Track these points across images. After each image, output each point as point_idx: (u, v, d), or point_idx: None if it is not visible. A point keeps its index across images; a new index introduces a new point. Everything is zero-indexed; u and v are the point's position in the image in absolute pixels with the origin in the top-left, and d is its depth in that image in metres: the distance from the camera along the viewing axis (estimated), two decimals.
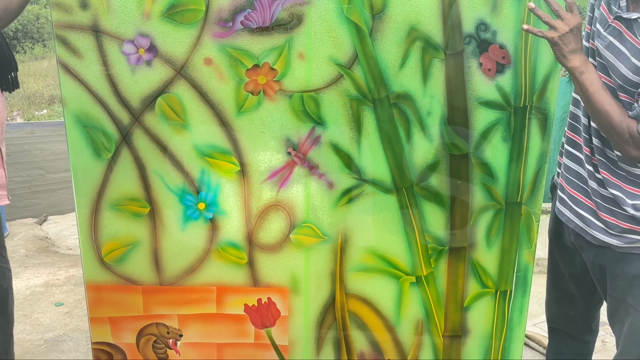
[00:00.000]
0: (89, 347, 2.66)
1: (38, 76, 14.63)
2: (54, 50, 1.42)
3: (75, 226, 4.68)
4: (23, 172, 5.19)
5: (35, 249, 4.04)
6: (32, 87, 13.12)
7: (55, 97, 13.17)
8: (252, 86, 1.47)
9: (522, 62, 1.45)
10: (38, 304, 3.09)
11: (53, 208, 5.44)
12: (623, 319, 1.55)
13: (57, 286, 3.33)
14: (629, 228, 1.46)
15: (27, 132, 5.24)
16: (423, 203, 1.57)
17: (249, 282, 1.64)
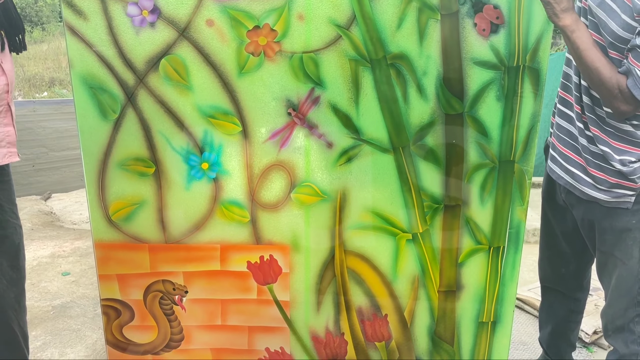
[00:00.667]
0: (96, 312, 2.73)
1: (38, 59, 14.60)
2: (52, 33, 1.45)
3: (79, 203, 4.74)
4: (27, 150, 5.23)
5: (40, 223, 4.10)
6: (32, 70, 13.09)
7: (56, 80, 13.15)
8: (252, 47, 1.51)
9: (515, 22, 1.48)
10: (45, 274, 3.15)
11: (57, 186, 5.49)
12: (611, 272, 1.61)
13: (63, 257, 3.39)
14: (616, 183, 1.51)
15: (30, 110, 5.27)
16: (419, 162, 1.61)
17: (251, 239, 1.69)
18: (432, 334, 1.79)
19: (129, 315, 1.78)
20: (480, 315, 1.77)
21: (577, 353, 2.34)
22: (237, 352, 1.83)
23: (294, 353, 1.82)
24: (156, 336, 1.81)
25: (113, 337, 1.80)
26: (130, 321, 1.79)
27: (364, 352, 1.82)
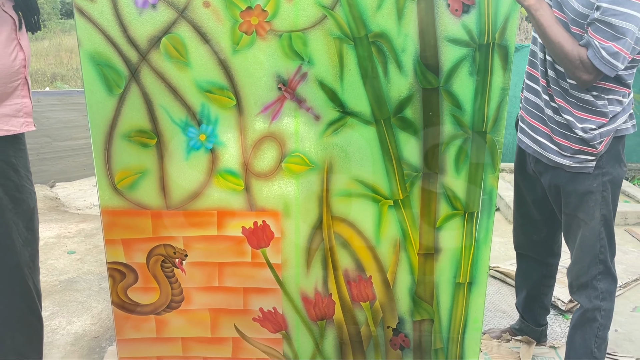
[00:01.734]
0: (100, 286, 2.87)
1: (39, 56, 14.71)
2: (53, 30, 1.57)
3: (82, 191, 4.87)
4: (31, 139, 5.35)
5: (46, 208, 4.23)
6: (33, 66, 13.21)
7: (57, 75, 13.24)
8: (245, 27, 1.64)
9: (485, 3, 1.61)
10: (52, 252, 3.28)
11: (60, 175, 5.62)
12: (575, 233, 1.74)
13: (68, 238, 3.52)
14: (579, 149, 1.64)
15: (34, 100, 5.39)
16: (399, 133, 1.74)
17: (245, 206, 1.82)
18: (413, 294, 1.92)
19: (133, 277, 1.92)
20: (457, 276, 1.90)
21: (554, 320, 2.47)
22: (233, 312, 1.96)
23: (285, 313, 1.95)
24: (158, 297, 1.94)
25: (118, 299, 1.94)
26: (134, 283, 1.92)
27: (350, 311, 1.95)
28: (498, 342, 2.23)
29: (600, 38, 1.48)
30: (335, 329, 1.97)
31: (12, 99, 1.50)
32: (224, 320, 1.96)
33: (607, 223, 1.70)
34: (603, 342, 1.80)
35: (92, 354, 2.30)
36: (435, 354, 2.00)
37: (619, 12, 1.46)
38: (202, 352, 2.01)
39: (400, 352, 2.00)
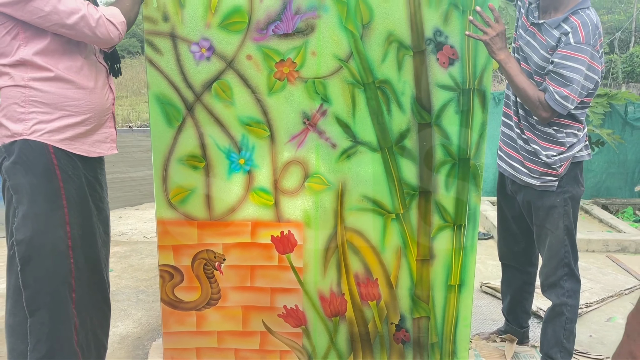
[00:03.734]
0: (138, 298, 3.22)
1: None
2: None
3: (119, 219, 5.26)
4: None
5: None
6: None
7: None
8: (279, 74, 2.07)
9: (466, 57, 2.04)
10: None
11: None
12: (544, 241, 2.11)
13: None
14: (544, 172, 2.03)
15: None
16: (400, 159, 2.14)
17: (274, 218, 2.21)
18: (412, 294, 2.28)
19: (180, 278, 2.29)
20: (449, 279, 2.25)
21: (536, 326, 2.79)
22: (261, 309, 2.31)
23: (305, 310, 2.30)
24: (199, 295, 2.30)
25: (166, 296, 2.30)
26: (180, 283, 2.29)
27: (360, 309, 2.31)
28: (487, 342, 2.55)
29: (554, 85, 1.89)
30: (347, 324, 2.32)
31: (103, 129, 1.91)
32: (254, 316, 2.31)
33: (569, 232, 2.06)
34: (571, 334, 2.13)
35: (136, 350, 2.64)
36: (432, 348, 2.33)
37: (567, 65, 1.87)
38: (234, 344, 2.35)
39: (402, 345, 2.34)
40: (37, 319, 1.81)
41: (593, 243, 3.97)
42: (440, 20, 2.01)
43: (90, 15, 1.72)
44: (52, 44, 1.76)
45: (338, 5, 2.01)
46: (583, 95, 1.89)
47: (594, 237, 3.84)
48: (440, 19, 2.01)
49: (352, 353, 2.34)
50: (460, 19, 2.01)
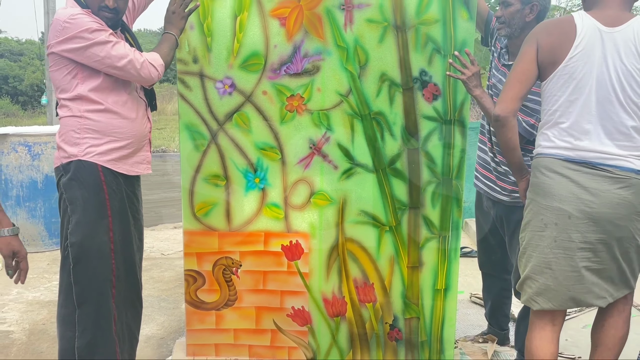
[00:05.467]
0: (160, 305, 3.51)
1: None
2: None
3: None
4: None
5: None
6: None
7: None
8: (289, 107, 2.41)
9: (447, 93, 2.38)
10: None
11: None
12: (515, 249, 2.40)
13: None
14: (512, 189, 2.35)
15: None
16: (392, 179, 2.46)
17: (284, 229, 2.52)
18: (404, 297, 2.56)
19: (202, 281, 2.59)
20: (436, 283, 2.54)
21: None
22: (273, 309, 2.60)
23: (311, 310, 2.59)
24: (219, 297, 2.60)
25: (190, 298, 2.60)
26: (202, 286, 2.59)
27: (358, 310, 2.59)
28: (471, 342, 2.82)
29: (522, 115, 2.22)
30: (347, 324, 2.60)
31: (141, 152, 2.25)
32: (265, 316, 2.60)
33: None
34: None
35: (160, 349, 2.93)
36: (421, 346, 2.61)
37: (532, 99, 2.20)
38: (248, 341, 2.64)
39: (395, 343, 2.61)
40: (83, 311, 2.12)
41: None
42: (425, 62, 2.36)
43: (136, 60, 2.08)
44: (103, 82, 2.11)
45: (339, 50, 2.36)
46: None
47: None
48: (425, 61, 2.36)
49: (352, 349, 2.62)
50: (442, 61, 2.35)
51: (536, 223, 1.95)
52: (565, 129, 1.91)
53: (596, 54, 1.86)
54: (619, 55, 1.85)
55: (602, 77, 1.86)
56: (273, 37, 2.36)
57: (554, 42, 1.90)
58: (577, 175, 1.87)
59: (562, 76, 1.90)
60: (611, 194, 1.85)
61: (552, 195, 1.90)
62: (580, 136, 1.88)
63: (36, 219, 4.42)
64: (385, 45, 2.35)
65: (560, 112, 1.92)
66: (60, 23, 2.03)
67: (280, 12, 2.35)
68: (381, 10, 2.32)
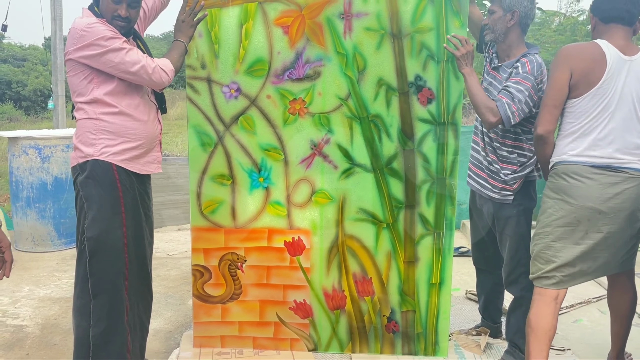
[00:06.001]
0: (167, 301, 3.64)
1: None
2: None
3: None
4: None
5: None
6: None
7: None
8: (292, 110, 2.55)
9: (441, 97, 2.51)
10: None
11: None
12: (505, 244, 2.53)
13: None
14: (502, 187, 2.48)
15: None
16: (389, 178, 2.59)
17: (287, 226, 2.65)
18: (401, 291, 2.69)
19: (209, 276, 2.72)
20: (431, 278, 2.67)
21: None
22: (275, 302, 2.73)
23: (312, 304, 2.72)
24: (224, 291, 2.73)
25: (197, 292, 2.73)
26: (209, 280, 2.72)
27: (357, 304, 2.72)
28: (465, 335, 2.94)
29: (504, 97, 2.33)
30: (347, 316, 2.72)
31: (152, 152, 2.38)
32: (269, 309, 2.73)
33: (524, 238, 2.48)
34: None
35: (168, 341, 3.05)
36: (417, 337, 2.73)
37: (515, 86, 2.31)
38: (252, 332, 2.76)
39: (393, 335, 2.74)
40: (98, 301, 2.25)
41: None
42: (420, 68, 2.49)
43: (148, 65, 2.22)
44: (117, 87, 2.25)
45: (339, 56, 2.50)
46: (522, 114, 2.34)
47: None
48: (420, 67, 2.49)
49: (351, 341, 2.74)
50: (436, 67, 2.49)
51: (568, 220, 2.26)
52: (593, 139, 2.24)
53: (621, 78, 2.23)
54: (637, 79, 2.24)
55: (625, 97, 2.23)
56: (276, 45, 2.50)
57: (588, 66, 2.23)
58: (604, 178, 2.22)
59: (596, 96, 2.23)
60: (630, 190, 2.22)
61: (584, 196, 2.22)
62: (606, 146, 2.23)
63: (46, 219, 4.55)
64: (382, 52, 2.49)
65: (589, 125, 2.25)
66: (78, 32, 2.17)
67: (283, 21, 2.49)
68: (378, 19, 2.46)
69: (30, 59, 24.63)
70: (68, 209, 4.61)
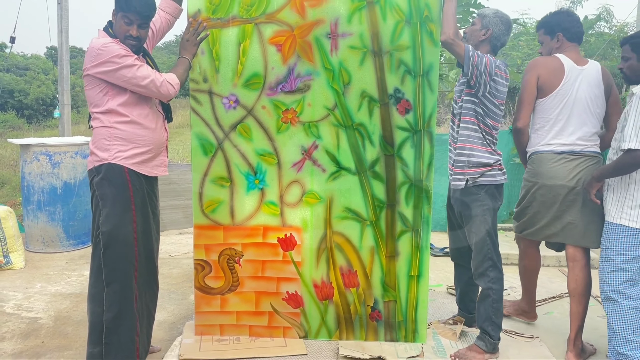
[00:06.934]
0: (170, 297, 3.91)
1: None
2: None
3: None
4: None
5: None
6: None
7: None
8: (284, 119, 2.84)
9: (418, 108, 2.81)
10: None
11: None
12: (472, 240, 2.79)
13: None
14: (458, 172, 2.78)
15: None
16: (372, 180, 2.88)
17: (280, 224, 2.94)
18: (383, 283, 2.97)
19: (209, 269, 3.00)
20: (410, 271, 2.95)
21: None
22: (270, 294, 3.01)
23: (302, 294, 3.00)
24: (223, 283, 3.00)
25: (199, 284, 3.01)
26: (209, 273, 3.00)
27: (344, 294, 3.00)
28: (443, 325, 3.22)
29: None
30: (334, 306, 3.00)
31: (159, 157, 2.67)
32: (264, 299, 3.01)
33: (490, 235, 2.75)
34: (497, 311, 2.78)
35: (171, 331, 3.32)
36: (398, 325, 3.01)
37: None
38: (248, 321, 3.04)
39: (376, 323, 3.01)
40: (111, 289, 2.53)
41: (547, 259, 4.63)
42: (398, 81, 2.80)
43: (157, 79, 2.51)
44: (129, 98, 2.54)
45: (326, 71, 2.80)
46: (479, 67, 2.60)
47: (549, 254, 4.47)
48: (399, 81, 2.80)
49: (338, 328, 3.02)
50: (412, 81, 2.79)
51: (544, 198, 2.97)
52: (557, 131, 2.94)
53: (576, 83, 2.93)
54: (589, 85, 2.94)
55: (580, 97, 2.93)
56: (271, 61, 2.80)
57: (551, 74, 2.92)
58: (569, 162, 2.91)
59: (557, 97, 2.93)
60: (588, 168, 2.89)
61: (556, 177, 2.91)
62: (568, 135, 2.93)
63: (55, 222, 4.83)
64: (365, 67, 2.79)
65: (554, 121, 2.95)
66: (95, 50, 2.46)
67: (276, 40, 2.79)
68: (361, 39, 2.77)
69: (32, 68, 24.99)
70: (76, 212, 4.89)
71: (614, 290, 2.61)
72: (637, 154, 2.46)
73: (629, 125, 2.48)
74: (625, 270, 2.57)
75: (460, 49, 2.61)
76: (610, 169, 2.61)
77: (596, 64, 2.99)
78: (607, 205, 2.67)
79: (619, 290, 2.59)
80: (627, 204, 2.57)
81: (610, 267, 2.61)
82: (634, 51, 2.62)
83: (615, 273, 2.60)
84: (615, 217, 2.60)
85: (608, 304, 2.64)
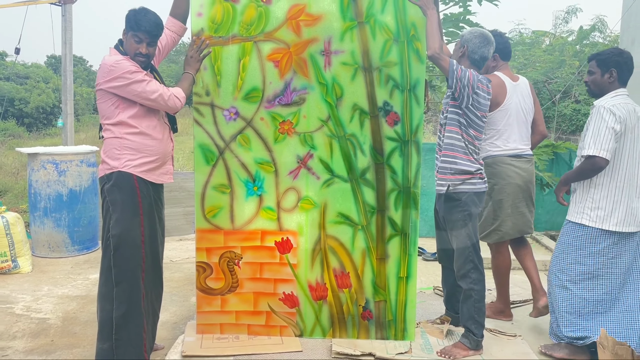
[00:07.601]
0: (171, 299, 4.10)
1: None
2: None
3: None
4: None
5: None
6: None
7: None
8: (281, 130, 3.06)
9: (405, 120, 3.03)
10: None
11: None
12: (454, 242, 3.00)
13: None
14: (441, 177, 2.99)
15: None
16: (363, 187, 3.09)
17: (277, 228, 3.14)
18: (374, 284, 3.17)
19: (210, 271, 3.19)
20: (399, 272, 3.15)
21: None
22: (267, 294, 3.20)
23: (298, 295, 3.19)
24: (224, 284, 3.20)
25: (200, 285, 3.20)
26: (210, 275, 3.19)
27: (337, 295, 3.20)
28: (431, 324, 3.42)
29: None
30: (328, 306, 3.20)
31: (165, 166, 2.88)
32: (262, 300, 3.20)
33: (470, 238, 2.94)
34: (479, 310, 2.97)
35: (174, 330, 3.51)
36: (388, 324, 3.20)
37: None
38: (247, 320, 3.23)
39: (367, 322, 3.21)
40: (120, 288, 2.73)
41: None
42: (387, 95, 3.02)
43: (164, 93, 2.73)
44: (139, 111, 2.75)
45: (320, 86, 3.02)
46: (463, 80, 2.80)
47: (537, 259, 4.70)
48: (387, 94, 3.02)
49: (332, 327, 3.22)
50: (400, 94, 3.01)
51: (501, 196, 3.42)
52: (505, 139, 3.42)
53: (514, 97, 3.43)
54: (522, 97, 3.45)
55: (518, 109, 3.45)
56: (269, 76, 3.02)
57: (496, 91, 3.31)
58: (516, 162, 3.41)
59: (502, 110, 3.40)
60: (530, 169, 3.45)
61: (508, 177, 3.39)
62: (513, 143, 3.43)
63: (61, 228, 5.03)
64: (356, 82, 3.01)
65: (502, 130, 3.43)
66: (107, 67, 2.68)
67: (274, 57, 3.01)
68: (352, 55, 2.99)
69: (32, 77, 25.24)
70: (81, 219, 5.09)
71: (570, 280, 2.97)
72: (595, 160, 2.73)
73: (588, 135, 2.75)
74: (583, 264, 2.96)
75: (445, 63, 2.82)
76: (574, 174, 2.89)
77: (524, 79, 3.53)
78: (570, 206, 2.96)
79: (575, 281, 2.96)
80: (588, 206, 2.84)
81: (569, 260, 2.98)
82: (599, 67, 2.85)
83: (573, 265, 2.96)
84: (576, 217, 2.90)
85: (561, 291, 3.00)
